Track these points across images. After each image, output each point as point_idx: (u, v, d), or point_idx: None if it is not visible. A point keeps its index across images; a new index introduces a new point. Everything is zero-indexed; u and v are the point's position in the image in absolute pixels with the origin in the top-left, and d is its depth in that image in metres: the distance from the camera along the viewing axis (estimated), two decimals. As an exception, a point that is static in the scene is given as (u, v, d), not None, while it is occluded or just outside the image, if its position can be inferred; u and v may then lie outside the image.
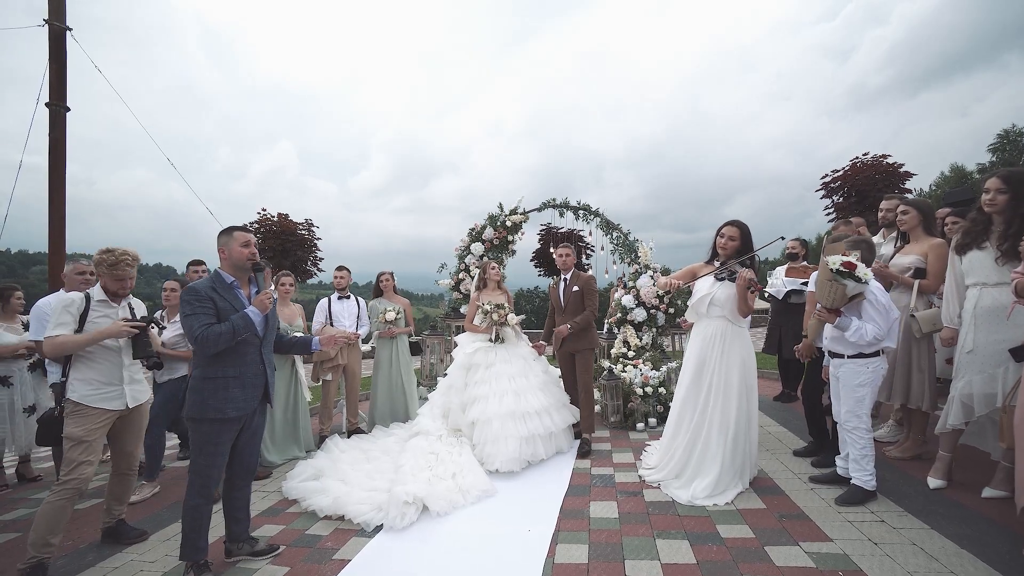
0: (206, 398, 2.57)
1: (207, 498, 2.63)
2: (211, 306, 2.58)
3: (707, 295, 3.46)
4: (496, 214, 6.77)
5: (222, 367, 2.61)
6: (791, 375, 5.50)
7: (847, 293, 2.88)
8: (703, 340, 3.50)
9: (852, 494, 3.01)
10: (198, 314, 2.54)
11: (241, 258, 2.71)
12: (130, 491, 3.23)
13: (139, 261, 3.11)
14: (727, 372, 3.38)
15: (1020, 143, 28.49)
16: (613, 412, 5.11)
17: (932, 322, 3.29)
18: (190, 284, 2.67)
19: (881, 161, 16.66)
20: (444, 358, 6.70)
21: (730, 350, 3.40)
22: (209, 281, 2.68)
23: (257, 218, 19.38)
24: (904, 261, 3.55)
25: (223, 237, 2.74)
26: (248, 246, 2.73)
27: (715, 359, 3.42)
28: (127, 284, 3.05)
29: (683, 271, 3.68)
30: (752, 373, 3.43)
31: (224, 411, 2.58)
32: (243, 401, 2.66)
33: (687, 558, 2.56)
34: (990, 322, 2.86)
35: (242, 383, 2.66)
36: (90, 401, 2.87)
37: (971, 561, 2.34)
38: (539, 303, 36.41)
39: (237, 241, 2.72)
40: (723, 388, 3.37)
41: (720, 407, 3.37)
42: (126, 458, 3.15)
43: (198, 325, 2.52)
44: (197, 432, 2.61)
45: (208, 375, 2.60)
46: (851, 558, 2.44)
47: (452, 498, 3.37)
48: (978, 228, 2.98)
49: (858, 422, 3.02)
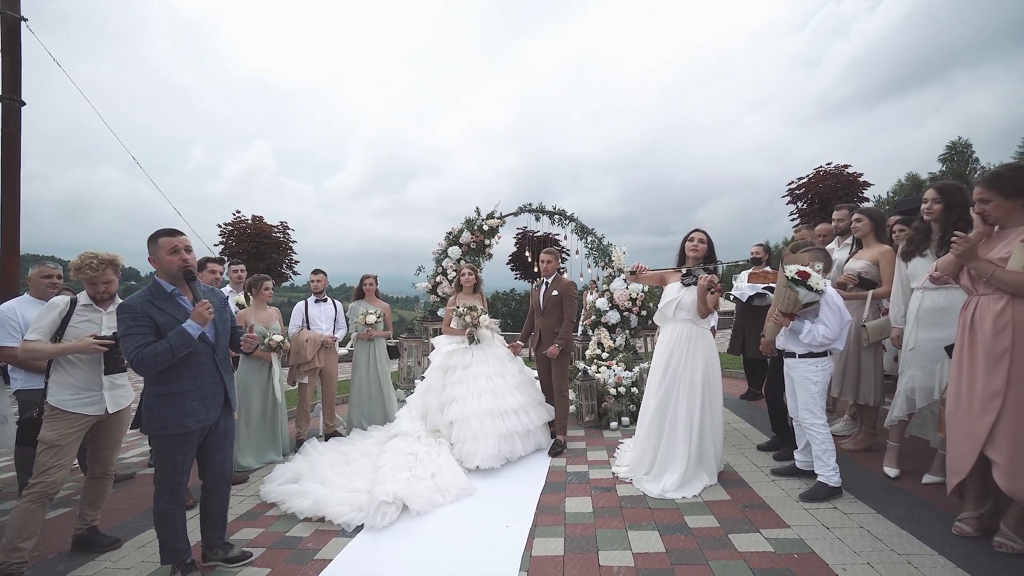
0: (164, 415, 2.49)
1: (177, 503, 2.60)
2: (147, 323, 2.43)
3: (674, 299, 3.65)
4: (473, 218, 6.87)
5: (176, 382, 2.51)
6: (756, 374, 5.78)
7: (800, 300, 3.10)
8: (669, 341, 3.68)
9: (817, 491, 3.15)
10: (132, 335, 2.41)
11: (171, 266, 2.55)
12: (105, 497, 3.17)
13: (114, 262, 3.00)
14: (691, 372, 3.56)
15: (966, 154, 30.31)
16: (588, 412, 5.26)
17: (880, 332, 3.58)
18: (124, 301, 2.53)
19: (842, 170, 17.51)
20: (421, 361, 6.74)
21: (694, 351, 3.58)
22: (146, 293, 2.54)
23: (231, 220, 18.96)
24: (855, 266, 3.82)
25: (150, 244, 2.58)
26: (176, 252, 2.56)
27: (680, 359, 3.60)
28: (100, 288, 2.99)
29: (654, 273, 3.88)
30: (715, 372, 3.62)
31: (185, 425, 2.51)
32: (203, 412, 2.59)
33: (656, 547, 2.70)
34: (931, 322, 3.13)
35: (200, 395, 2.57)
36: (68, 406, 2.83)
37: (908, 540, 2.57)
38: (515, 305, 36.60)
39: (163, 248, 2.55)
40: (688, 387, 3.55)
41: (685, 405, 3.54)
42: (102, 463, 3.10)
43: (132, 347, 2.39)
44: (160, 445, 2.57)
45: (162, 391, 2.50)
46: (806, 542, 2.63)
47: (432, 497, 3.44)
48: (920, 236, 3.25)
49: (813, 418, 3.21)
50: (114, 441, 3.13)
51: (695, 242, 3.68)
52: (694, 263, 3.66)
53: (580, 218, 6.66)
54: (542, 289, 4.78)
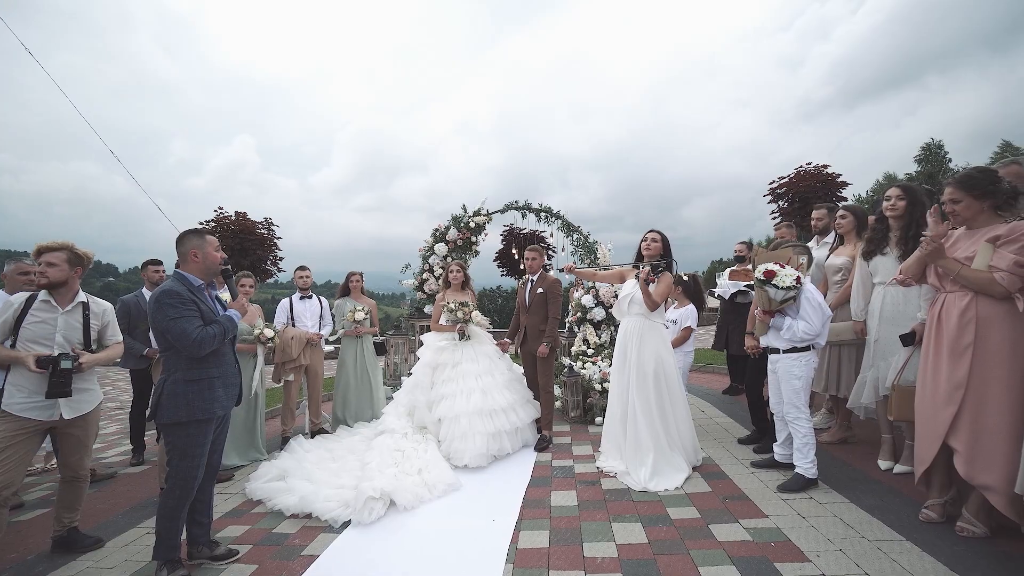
0: (191, 400, 2.56)
1: (187, 498, 2.62)
2: (195, 309, 2.58)
3: (628, 295, 3.84)
4: (460, 215, 6.88)
5: (206, 368, 2.63)
6: (738, 370, 5.90)
7: (772, 298, 3.19)
8: (623, 335, 3.87)
9: (794, 482, 3.25)
10: (188, 317, 2.52)
11: (215, 262, 2.74)
12: (80, 499, 3.08)
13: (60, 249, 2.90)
14: (642, 364, 3.69)
15: (939, 155, 31.17)
16: (573, 407, 5.33)
17: (837, 334, 3.71)
18: (164, 287, 2.57)
19: (822, 170, 17.91)
20: (408, 358, 6.74)
21: (645, 343, 3.73)
22: (180, 284, 2.60)
23: (214, 216, 18.66)
24: (836, 261, 3.97)
25: (194, 239, 2.70)
26: (219, 250, 2.78)
27: (633, 352, 3.74)
28: (32, 280, 2.95)
29: (614, 272, 4.09)
30: (669, 364, 3.75)
31: (212, 410, 2.62)
32: (226, 400, 2.73)
33: (639, 538, 2.77)
34: (893, 317, 3.28)
35: (224, 382, 2.73)
36: (16, 409, 2.75)
37: (879, 527, 2.68)
38: (502, 302, 36.63)
39: (211, 245, 2.74)
40: (639, 377, 3.69)
41: (640, 397, 3.66)
42: (71, 467, 3.01)
43: (192, 328, 2.51)
44: (181, 436, 2.57)
45: (191, 377, 2.58)
46: (782, 530, 2.72)
47: (418, 492, 3.47)
48: (878, 236, 3.39)
49: (797, 412, 3.30)
50: (81, 446, 3.02)
51: (648, 242, 3.92)
52: (648, 261, 3.84)
53: (566, 215, 6.73)
54: (528, 286, 4.83)
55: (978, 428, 2.39)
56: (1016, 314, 2.34)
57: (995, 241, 2.38)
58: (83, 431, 3.01)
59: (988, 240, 2.41)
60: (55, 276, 2.90)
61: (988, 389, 2.38)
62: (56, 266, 2.90)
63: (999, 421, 2.34)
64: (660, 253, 3.88)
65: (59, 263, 2.90)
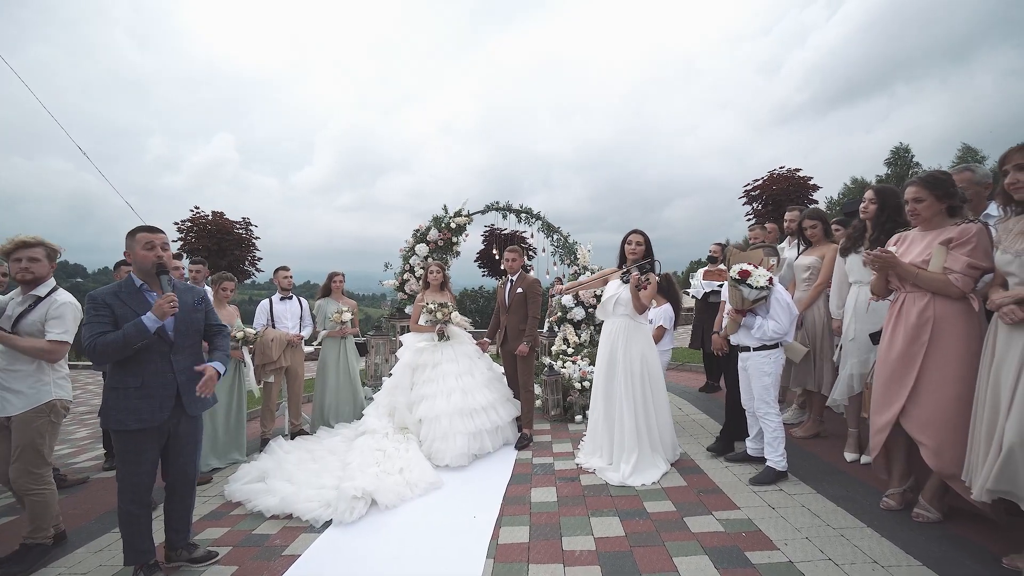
0: (109, 409, 2.51)
1: (140, 504, 2.55)
2: (107, 314, 2.46)
3: (613, 296, 3.90)
4: (441, 216, 6.89)
5: (123, 376, 2.51)
6: (714, 367, 6.06)
7: (745, 297, 3.31)
8: (609, 335, 3.93)
9: (765, 475, 3.37)
10: (92, 323, 2.43)
11: (144, 261, 2.57)
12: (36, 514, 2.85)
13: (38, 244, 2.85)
14: (630, 363, 3.78)
15: (907, 158, 32.47)
16: (554, 406, 5.40)
17: (794, 352, 3.76)
18: (91, 292, 2.54)
19: (794, 174, 18.42)
20: (389, 358, 6.72)
21: (631, 344, 3.81)
22: (115, 286, 2.59)
23: (190, 216, 18.21)
24: (805, 261, 4.13)
25: (127, 239, 2.61)
26: (151, 248, 2.58)
27: (620, 352, 3.82)
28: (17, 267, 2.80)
29: (596, 277, 4.07)
30: (653, 364, 3.85)
31: (125, 423, 2.46)
32: (147, 412, 2.49)
33: (617, 532, 2.85)
34: (866, 315, 3.42)
35: (146, 393, 2.51)
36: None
37: (843, 515, 2.82)
38: (483, 303, 36.61)
39: (139, 243, 2.58)
40: (628, 377, 3.77)
41: (628, 396, 3.75)
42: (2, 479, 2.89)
43: (89, 335, 2.41)
44: (116, 442, 2.55)
45: (112, 384, 2.52)
46: (753, 521, 2.83)
47: (400, 491, 3.49)
48: (857, 235, 3.54)
49: (768, 408, 3.42)
50: (4, 457, 2.87)
51: (632, 244, 3.94)
52: (632, 263, 3.89)
53: (549, 216, 6.79)
54: (507, 287, 4.88)
55: (937, 422, 2.51)
56: (971, 312, 2.49)
57: (948, 243, 2.53)
58: (6, 439, 2.84)
59: (941, 243, 2.56)
60: (40, 271, 2.88)
61: (946, 385, 2.52)
62: (39, 261, 2.88)
63: (957, 416, 2.46)
64: (644, 254, 3.92)
65: (41, 258, 2.89)
